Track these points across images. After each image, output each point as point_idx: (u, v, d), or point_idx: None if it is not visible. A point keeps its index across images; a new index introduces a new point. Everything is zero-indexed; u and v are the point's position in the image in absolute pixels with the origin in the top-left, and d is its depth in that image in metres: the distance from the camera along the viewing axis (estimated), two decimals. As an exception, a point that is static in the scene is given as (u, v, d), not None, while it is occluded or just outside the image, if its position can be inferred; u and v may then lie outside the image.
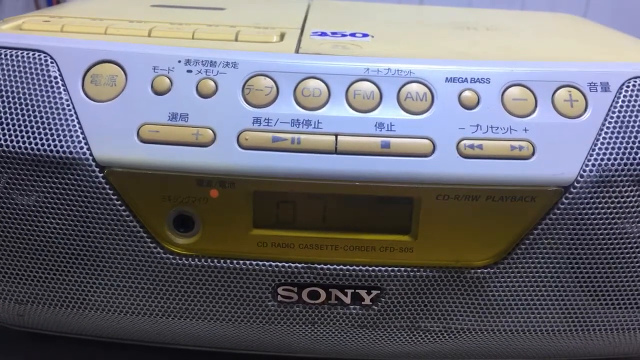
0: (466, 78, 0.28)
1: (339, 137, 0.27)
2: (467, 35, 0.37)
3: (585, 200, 0.27)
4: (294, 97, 0.27)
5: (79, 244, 0.28)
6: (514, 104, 0.28)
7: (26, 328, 0.33)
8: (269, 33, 0.33)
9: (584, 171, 0.27)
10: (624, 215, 0.28)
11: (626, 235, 0.28)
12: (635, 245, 0.28)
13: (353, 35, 0.34)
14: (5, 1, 0.86)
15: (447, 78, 0.28)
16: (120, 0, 0.45)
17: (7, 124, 0.27)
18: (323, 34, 0.34)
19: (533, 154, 0.27)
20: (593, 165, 0.27)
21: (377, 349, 0.31)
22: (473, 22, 0.41)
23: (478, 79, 0.28)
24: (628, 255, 0.28)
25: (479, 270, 0.28)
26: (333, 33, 0.34)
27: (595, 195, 0.27)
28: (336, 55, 0.30)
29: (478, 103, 0.28)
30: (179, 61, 0.28)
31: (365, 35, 0.34)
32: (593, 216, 0.27)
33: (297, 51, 0.30)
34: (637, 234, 0.28)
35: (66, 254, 0.28)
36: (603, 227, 0.28)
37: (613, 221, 0.28)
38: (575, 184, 0.27)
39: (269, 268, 0.28)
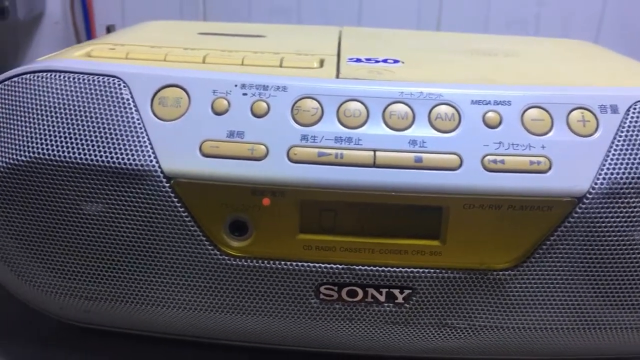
0: (490, 100, 0.31)
1: (377, 153, 0.30)
2: (488, 61, 0.40)
3: (597, 210, 0.30)
4: (337, 117, 0.31)
5: (145, 245, 0.32)
6: (532, 124, 0.31)
7: (89, 324, 0.37)
8: (309, 60, 0.37)
9: (595, 184, 0.30)
10: (631, 224, 0.31)
11: (634, 242, 0.31)
12: (641, 250, 0.31)
13: (385, 61, 0.38)
14: (45, 26, 0.91)
15: (472, 100, 0.31)
16: (169, 28, 0.49)
17: (85, 140, 0.31)
18: (358, 60, 0.38)
19: (550, 168, 0.30)
20: (604, 178, 0.30)
21: (408, 345, 0.35)
22: (492, 49, 0.45)
23: (500, 101, 0.31)
24: (635, 261, 0.31)
25: (501, 273, 0.32)
26: (367, 59, 0.38)
27: (606, 205, 0.30)
28: (373, 80, 0.33)
29: (500, 123, 0.31)
30: (236, 85, 0.32)
31: (396, 61, 0.38)
32: (604, 224, 0.31)
33: (337, 76, 0.34)
34: (644, 240, 0.31)
35: (134, 255, 0.32)
36: (613, 234, 0.31)
37: (622, 229, 0.31)
38: (588, 195, 0.30)
39: (313, 269, 0.32)
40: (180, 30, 0.48)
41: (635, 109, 0.31)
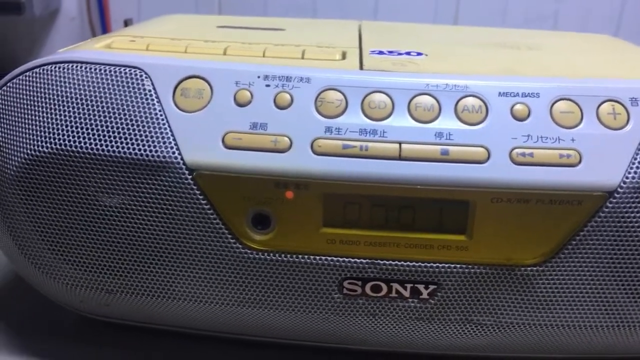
0: (518, 92, 0.31)
1: (403, 145, 0.30)
2: (511, 54, 0.39)
3: (628, 205, 0.30)
4: (362, 109, 0.31)
5: (167, 238, 0.31)
6: (561, 116, 0.30)
7: (109, 318, 0.37)
8: (331, 52, 0.36)
9: (627, 178, 0.30)
10: (663, 219, 0.30)
11: (665, 238, 0.30)
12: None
13: (408, 53, 0.37)
14: (61, 22, 0.91)
15: (500, 92, 0.31)
16: (187, 22, 0.49)
17: (107, 132, 0.31)
18: (381, 52, 0.37)
19: (580, 161, 0.30)
20: (635, 172, 0.30)
21: (432, 342, 0.34)
22: (514, 42, 0.44)
23: (529, 93, 0.31)
24: (667, 256, 0.30)
25: (529, 269, 0.31)
26: (390, 52, 0.37)
27: (637, 200, 0.30)
28: (397, 71, 0.33)
29: (529, 115, 0.30)
30: (259, 76, 0.31)
31: (419, 54, 0.37)
32: (635, 219, 0.30)
33: (361, 68, 0.33)
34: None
35: (155, 247, 0.31)
36: (644, 229, 0.30)
37: (654, 224, 0.30)
38: (619, 189, 0.30)
39: (336, 263, 0.31)
40: (198, 23, 0.48)
41: (667, 101, 0.31)
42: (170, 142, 0.30)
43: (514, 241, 0.31)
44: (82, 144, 0.31)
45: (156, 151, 0.30)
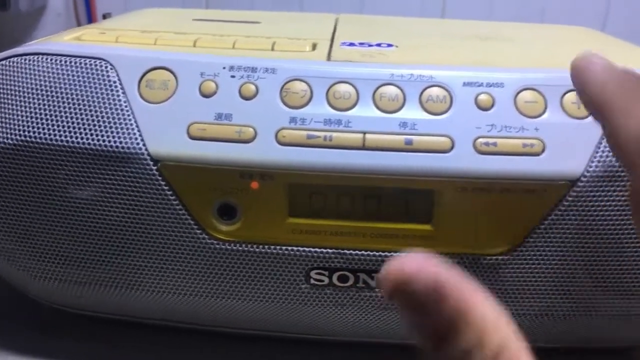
0: (482, 82, 0.31)
1: (367, 135, 0.30)
2: (483, 45, 0.39)
3: (592, 193, 0.30)
4: (327, 99, 0.31)
5: (133, 230, 0.31)
6: (525, 106, 0.30)
7: (82, 310, 0.37)
8: (302, 44, 0.36)
9: (590, 167, 0.30)
10: (626, 207, 0.30)
11: (629, 226, 0.30)
12: (636, 236, 0.30)
13: (379, 45, 0.37)
14: (47, 18, 0.91)
15: (464, 82, 0.31)
16: (163, 15, 0.49)
17: (72, 123, 0.31)
18: (351, 44, 0.37)
19: (543, 150, 0.30)
20: (598, 161, 0.30)
21: (401, 332, 0.34)
22: (491, 34, 0.44)
23: (493, 83, 0.31)
24: (630, 245, 0.31)
25: (494, 258, 0.31)
26: (360, 43, 0.38)
27: (601, 188, 0.30)
28: (363, 62, 0.33)
29: (493, 105, 0.30)
30: (224, 67, 0.31)
31: (390, 45, 0.37)
32: (599, 208, 0.30)
33: (328, 59, 0.33)
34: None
35: (122, 239, 0.32)
36: (608, 218, 0.30)
37: (617, 213, 0.30)
38: (582, 178, 0.30)
39: (303, 253, 0.31)
40: (175, 16, 0.48)
41: (631, 90, 0.31)
42: (134, 133, 0.30)
43: (479, 230, 0.31)
44: (47, 136, 0.31)
45: (120, 142, 0.30)
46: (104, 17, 0.82)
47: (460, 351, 0.17)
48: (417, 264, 0.17)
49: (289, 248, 0.31)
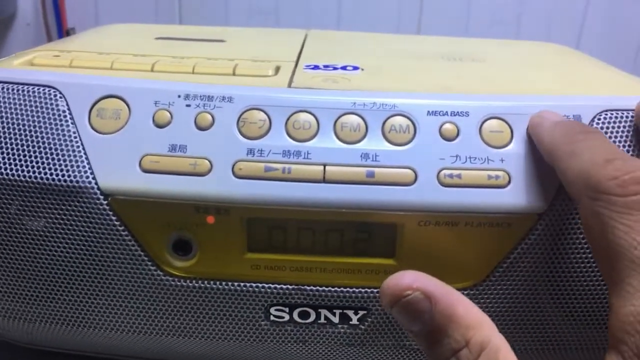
0: (447, 111, 0.30)
1: (327, 167, 0.29)
2: (452, 68, 0.39)
3: (560, 226, 0.29)
4: (286, 129, 0.29)
5: (84, 266, 0.30)
6: (491, 136, 0.29)
7: (35, 345, 0.35)
8: (264, 67, 0.35)
9: (557, 199, 0.29)
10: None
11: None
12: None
13: (344, 68, 0.36)
14: (17, 31, 0.89)
15: (428, 111, 0.30)
16: (126, 33, 0.47)
17: (19, 155, 0.29)
18: (315, 67, 0.36)
19: (509, 182, 0.29)
20: (566, 193, 0.29)
21: (365, 367, 0.33)
22: (462, 53, 0.43)
23: (458, 112, 0.30)
24: (599, 277, 0.30)
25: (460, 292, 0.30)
26: (325, 66, 0.36)
27: (568, 221, 0.29)
28: (326, 89, 0.32)
29: (458, 135, 0.29)
30: (179, 96, 0.30)
31: (355, 68, 0.36)
32: (566, 241, 0.29)
33: (289, 85, 0.32)
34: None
35: (72, 276, 0.30)
36: (576, 251, 0.29)
37: (585, 245, 0.29)
38: (549, 211, 0.29)
39: (262, 289, 0.30)
40: (139, 34, 0.46)
41: (599, 119, 0.30)
42: (84, 166, 0.29)
43: (443, 265, 0.30)
44: (-8, 169, 0.29)
45: (69, 176, 0.29)
46: (68, 33, 0.80)
47: (449, 349, 0.22)
48: (410, 278, 0.23)
49: (248, 284, 0.30)
